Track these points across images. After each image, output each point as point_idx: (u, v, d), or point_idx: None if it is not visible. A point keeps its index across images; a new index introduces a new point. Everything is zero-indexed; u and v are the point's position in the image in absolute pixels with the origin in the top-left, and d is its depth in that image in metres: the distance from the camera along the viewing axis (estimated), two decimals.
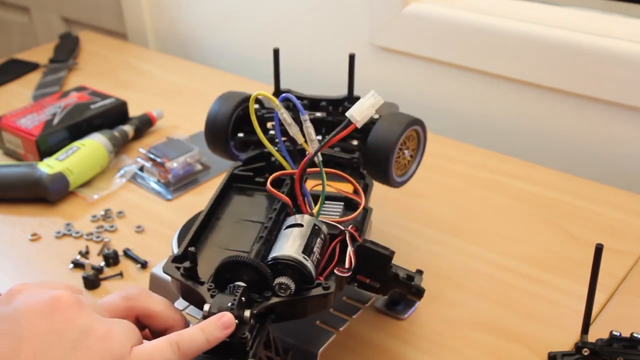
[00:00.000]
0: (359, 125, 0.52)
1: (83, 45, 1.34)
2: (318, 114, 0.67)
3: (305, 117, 0.54)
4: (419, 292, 0.57)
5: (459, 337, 0.64)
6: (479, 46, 0.97)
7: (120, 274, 0.73)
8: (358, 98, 0.65)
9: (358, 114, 0.52)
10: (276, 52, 0.68)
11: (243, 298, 0.46)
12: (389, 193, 0.65)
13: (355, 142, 0.66)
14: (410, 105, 0.78)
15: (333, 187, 0.60)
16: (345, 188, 0.60)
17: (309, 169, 0.54)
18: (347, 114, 0.52)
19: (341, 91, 0.67)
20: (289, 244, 0.50)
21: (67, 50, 1.28)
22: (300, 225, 0.52)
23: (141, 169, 0.92)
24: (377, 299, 0.67)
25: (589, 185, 0.86)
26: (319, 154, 0.54)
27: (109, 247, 0.76)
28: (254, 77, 1.23)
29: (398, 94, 1.07)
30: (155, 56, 1.33)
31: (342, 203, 0.60)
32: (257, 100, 0.69)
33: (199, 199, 0.86)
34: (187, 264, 0.50)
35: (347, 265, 0.52)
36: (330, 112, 0.67)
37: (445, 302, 0.68)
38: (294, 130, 0.54)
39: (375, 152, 0.62)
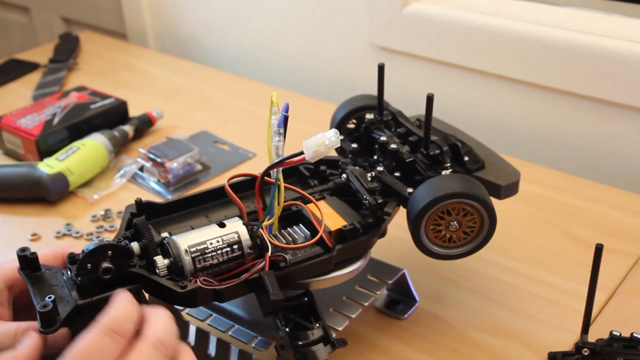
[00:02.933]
0: (308, 160, 0.49)
1: (83, 45, 1.34)
2: (393, 146, 0.63)
3: (280, 130, 0.52)
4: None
5: (459, 337, 0.64)
6: (479, 46, 0.97)
7: None
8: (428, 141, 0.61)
9: (308, 148, 0.49)
10: (381, 68, 0.64)
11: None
12: None
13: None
14: (410, 106, 0.78)
15: (313, 211, 0.57)
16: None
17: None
18: (303, 142, 0.49)
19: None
20: (191, 235, 0.52)
21: (67, 50, 1.28)
22: (223, 225, 0.53)
23: (141, 169, 0.92)
24: (377, 299, 0.67)
25: (589, 185, 0.86)
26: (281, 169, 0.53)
27: None
28: (253, 77, 1.22)
29: (398, 94, 1.07)
30: (155, 56, 1.33)
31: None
32: (373, 112, 0.68)
33: None
34: None
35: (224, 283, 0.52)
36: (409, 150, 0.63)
37: (445, 302, 0.68)
38: (272, 140, 0.53)
39: (410, 212, 0.58)
